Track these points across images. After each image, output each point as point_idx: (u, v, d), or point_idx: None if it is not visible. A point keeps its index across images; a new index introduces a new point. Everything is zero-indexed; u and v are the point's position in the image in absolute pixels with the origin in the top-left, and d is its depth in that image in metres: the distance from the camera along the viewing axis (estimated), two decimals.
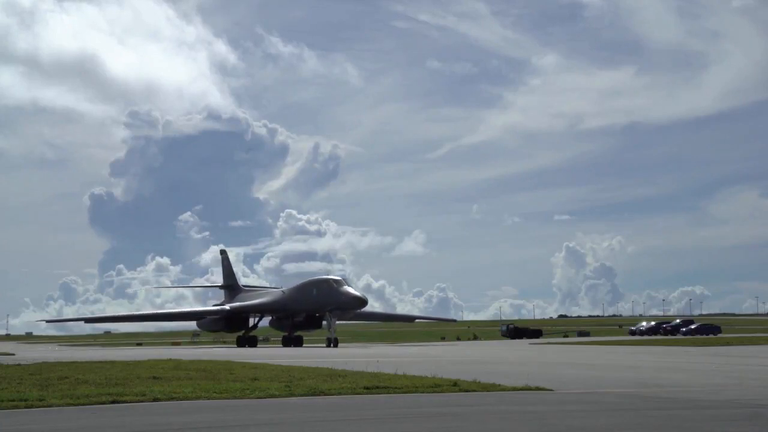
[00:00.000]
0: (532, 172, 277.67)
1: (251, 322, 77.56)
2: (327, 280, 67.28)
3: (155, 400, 14.19)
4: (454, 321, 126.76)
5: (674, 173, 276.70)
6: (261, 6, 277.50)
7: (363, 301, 65.99)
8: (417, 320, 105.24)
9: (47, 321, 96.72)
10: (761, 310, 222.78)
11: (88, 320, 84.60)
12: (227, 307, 78.52)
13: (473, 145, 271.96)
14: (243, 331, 76.52)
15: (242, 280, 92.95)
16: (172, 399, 14.32)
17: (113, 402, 13.94)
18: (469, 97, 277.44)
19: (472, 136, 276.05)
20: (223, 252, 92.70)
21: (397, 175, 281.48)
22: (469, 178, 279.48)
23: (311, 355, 39.79)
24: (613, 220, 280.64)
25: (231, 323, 76.41)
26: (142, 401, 14.09)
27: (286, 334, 74.10)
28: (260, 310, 76.32)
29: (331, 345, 61.04)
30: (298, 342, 72.24)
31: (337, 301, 64.92)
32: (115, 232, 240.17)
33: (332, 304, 65.07)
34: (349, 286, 66.49)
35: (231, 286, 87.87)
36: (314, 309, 68.74)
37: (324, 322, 68.78)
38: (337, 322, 66.47)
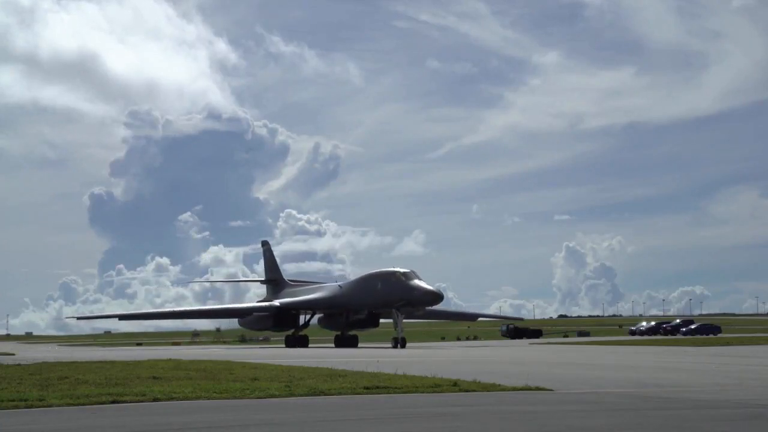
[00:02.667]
0: (532, 172, 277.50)
1: (301, 320, 71.02)
2: (394, 273, 59.97)
3: (155, 400, 14.19)
4: (521, 320, 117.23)
5: (674, 173, 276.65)
6: (261, 5, 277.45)
7: (438, 297, 58.94)
8: (480, 318, 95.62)
9: (78, 318, 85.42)
10: (761, 310, 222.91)
11: (122, 317, 76.13)
12: (277, 303, 70.85)
13: (473, 145, 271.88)
14: (292, 330, 70.26)
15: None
16: (172, 399, 14.32)
17: (113, 402, 13.93)
18: (469, 97, 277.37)
19: (473, 136, 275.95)
20: (265, 243, 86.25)
21: (397, 175, 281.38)
22: (469, 178, 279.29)
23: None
24: (613, 220, 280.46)
25: (280, 321, 69.35)
26: (142, 401, 14.09)
27: (338, 333, 68.87)
28: (314, 306, 69.63)
29: (398, 346, 54.95)
30: (352, 342, 66.34)
31: (408, 297, 58.10)
32: (115, 232, 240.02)
33: (401, 300, 58.31)
34: (419, 279, 59.07)
35: (275, 281, 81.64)
36: (378, 305, 62.30)
37: (388, 320, 63.11)
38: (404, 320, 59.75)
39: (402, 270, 59.77)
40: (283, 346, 67.46)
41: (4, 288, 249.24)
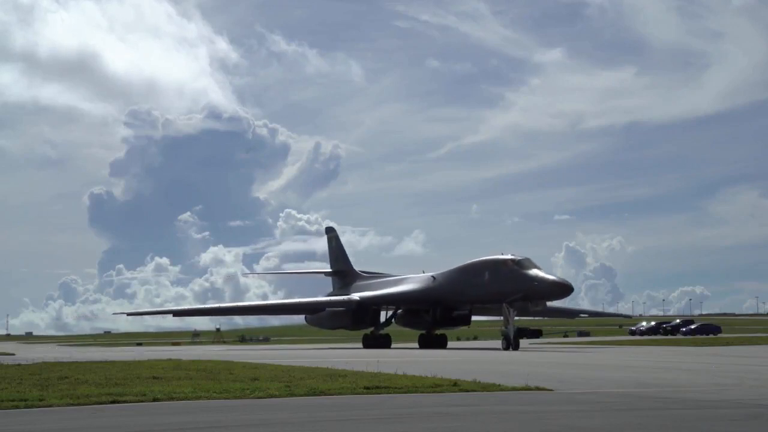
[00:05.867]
0: (533, 172, 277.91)
1: (383, 316, 61.83)
2: (505, 261, 49.69)
3: (155, 400, 14.20)
4: (629, 317, 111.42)
5: (675, 173, 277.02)
6: (262, 4, 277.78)
7: (568, 288, 48.15)
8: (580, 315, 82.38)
9: (128, 314, 75.49)
10: (761, 310, 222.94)
11: (176, 313, 68.19)
12: (356, 297, 61.18)
13: (474, 145, 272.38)
14: (371, 329, 60.77)
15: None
16: (172, 399, 14.32)
17: (113, 402, 13.94)
18: (469, 96, 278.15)
19: (473, 135, 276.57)
20: (330, 230, 76.36)
21: (398, 175, 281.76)
22: (469, 178, 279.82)
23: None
24: (613, 220, 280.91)
25: (358, 318, 59.50)
26: (142, 401, 14.09)
27: (422, 332, 60.13)
28: (401, 301, 59.96)
29: (510, 347, 46.45)
30: (441, 342, 58.28)
31: (527, 289, 47.77)
32: (115, 231, 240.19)
33: (517, 293, 48.11)
34: (537, 267, 48.81)
35: (342, 273, 72.42)
36: (484, 299, 52.87)
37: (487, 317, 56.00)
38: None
39: (515, 257, 49.69)
40: (277, 347, 66.59)
41: (4, 288, 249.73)
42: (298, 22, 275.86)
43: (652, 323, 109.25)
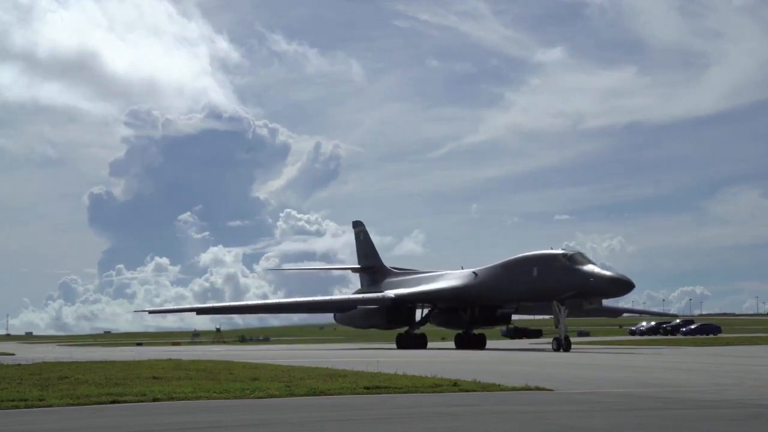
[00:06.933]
0: (533, 172, 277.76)
1: (418, 315, 58.68)
2: (555, 256, 46.26)
3: (155, 400, 14.20)
4: (675, 316, 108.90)
5: (675, 173, 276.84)
6: (262, 4, 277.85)
7: (629, 285, 43.78)
8: (624, 314, 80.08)
9: (150, 311, 72.61)
10: (761, 310, 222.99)
11: (200, 311, 64.88)
12: (391, 294, 57.68)
13: (474, 145, 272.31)
14: (406, 328, 57.59)
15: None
16: (172, 399, 14.32)
17: (113, 402, 13.94)
18: (469, 96, 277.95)
19: (474, 135, 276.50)
20: (358, 224, 72.65)
21: (398, 174, 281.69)
22: (469, 178, 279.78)
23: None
24: (614, 220, 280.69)
25: (393, 317, 56.32)
26: (142, 401, 14.09)
27: (459, 332, 57.35)
28: (440, 298, 56.36)
29: (561, 348, 42.90)
30: (479, 342, 55.35)
31: (582, 286, 44.07)
32: (115, 231, 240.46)
33: (571, 290, 44.53)
34: (592, 263, 45.18)
35: (371, 269, 68.96)
36: (532, 297, 49.44)
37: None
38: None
39: (566, 252, 46.39)
40: (277, 347, 66.15)
41: (4, 288, 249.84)
42: (298, 21, 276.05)
43: (652, 323, 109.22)
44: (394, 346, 55.51)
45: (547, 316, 66.07)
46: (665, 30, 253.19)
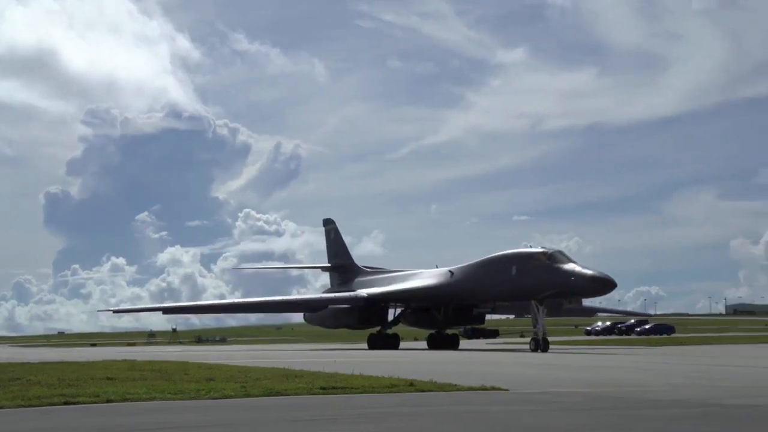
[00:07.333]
0: (493, 173, 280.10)
1: (390, 315, 57.35)
2: (535, 255, 44.73)
3: (109, 401, 14.03)
4: (650, 315, 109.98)
5: (633, 174, 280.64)
6: (224, 3, 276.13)
7: (611, 284, 41.78)
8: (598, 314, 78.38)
9: (114, 311, 70.54)
10: (714, 310, 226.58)
11: (165, 310, 63.26)
12: (363, 293, 56.57)
13: (435, 146, 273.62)
14: (378, 328, 56.18)
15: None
16: (126, 400, 14.16)
17: (65, 403, 13.74)
18: (431, 97, 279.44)
19: (434, 136, 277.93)
20: (329, 222, 71.27)
21: (359, 175, 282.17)
22: (429, 179, 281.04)
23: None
24: (572, 220, 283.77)
25: (365, 317, 55.07)
26: (95, 402, 13.91)
27: (432, 332, 56.28)
28: (414, 298, 55.07)
29: (539, 349, 41.61)
30: (453, 343, 54.51)
31: (562, 285, 42.56)
32: (71, 231, 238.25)
33: (550, 289, 43.06)
34: (572, 261, 43.48)
35: (342, 267, 67.78)
36: (511, 296, 47.51)
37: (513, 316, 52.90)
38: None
39: (546, 250, 44.76)
40: (234, 348, 66.09)
41: None
42: (261, 20, 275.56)
43: (608, 323, 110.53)
44: (366, 346, 54.40)
45: (503, 317, 66.75)
46: (625, 32, 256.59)
